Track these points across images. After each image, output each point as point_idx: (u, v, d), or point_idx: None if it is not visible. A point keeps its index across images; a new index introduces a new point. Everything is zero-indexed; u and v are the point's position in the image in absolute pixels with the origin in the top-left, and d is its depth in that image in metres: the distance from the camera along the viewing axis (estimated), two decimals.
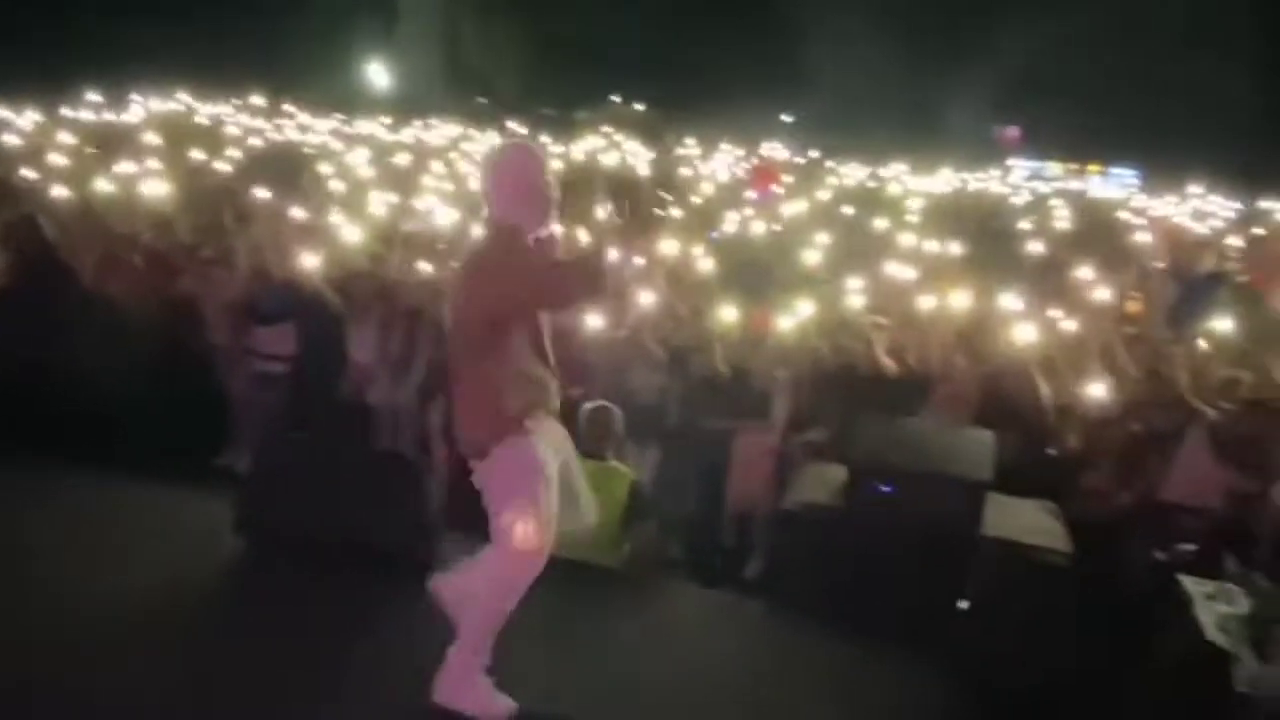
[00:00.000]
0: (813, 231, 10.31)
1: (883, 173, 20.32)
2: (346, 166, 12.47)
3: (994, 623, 3.67)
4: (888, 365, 5.85)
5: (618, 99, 31.08)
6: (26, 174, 8.91)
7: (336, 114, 20.71)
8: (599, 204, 10.48)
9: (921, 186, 18.30)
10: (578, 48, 30.69)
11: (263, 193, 8.79)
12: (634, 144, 21.78)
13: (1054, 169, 30.04)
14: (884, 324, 6.11)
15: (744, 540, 5.87)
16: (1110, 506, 5.06)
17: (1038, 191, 20.82)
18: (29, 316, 5.48)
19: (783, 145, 24.01)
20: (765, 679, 3.69)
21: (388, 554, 4.24)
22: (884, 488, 4.04)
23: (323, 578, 4.09)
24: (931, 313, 6.75)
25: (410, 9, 32.00)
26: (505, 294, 3.12)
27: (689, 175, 16.63)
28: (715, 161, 19.80)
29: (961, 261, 9.42)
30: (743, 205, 12.45)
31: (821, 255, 8.99)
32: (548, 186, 3.23)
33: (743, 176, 15.44)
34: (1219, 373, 5.79)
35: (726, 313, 6.14)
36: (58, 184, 8.23)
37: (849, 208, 13.22)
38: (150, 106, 17.97)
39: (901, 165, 20.85)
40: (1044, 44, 26.32)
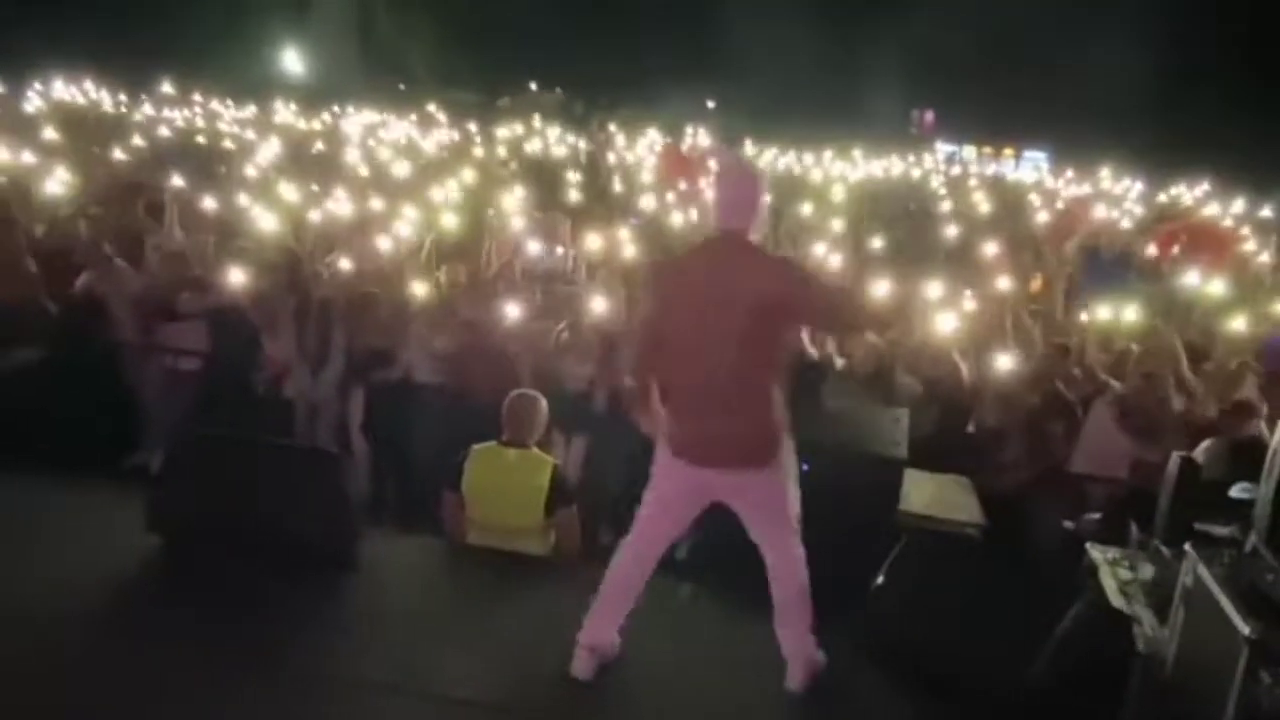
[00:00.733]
0: None
1: (806, 159, 20.57)
2: (259, 156, 12.14)
3: (908, 596, 3.76)
4: (809, 351, 5.94)
5: (534, 85, 30.82)
6: None
7: (248, 102, 20.13)
8: (522, 191, 10.44)
9: (843, 172, 18.58)
10: (494, 32, 30.33)
11: (176, 183, 8.51)
12: (557, 130, 21.68)
13: (970, 152, 30.87)
14: None
15: None
16: (1020, 479, 5.22)
17: (953, 175, 21.34)
18: None
19: (706, 131, 24.08)
20: (691, 659, 3.73)
21: (307, 549, 4.17)
22: (802, 465, 4.10)
23: (239, 575, 4.01)
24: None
25: None
26: (798, 306, 3.31)
27: (612, 161, 16.61)
28: (639, 148, 19.79)
29: (884, 245, 9.60)
30: (663, 191, 12.46)
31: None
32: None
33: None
34: (1117, 346, 6.03)
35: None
36: None
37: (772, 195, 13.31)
38: (51, 95, 17.22)
39: (826, 151, 21.13)
40: (957, 29, 26.92)
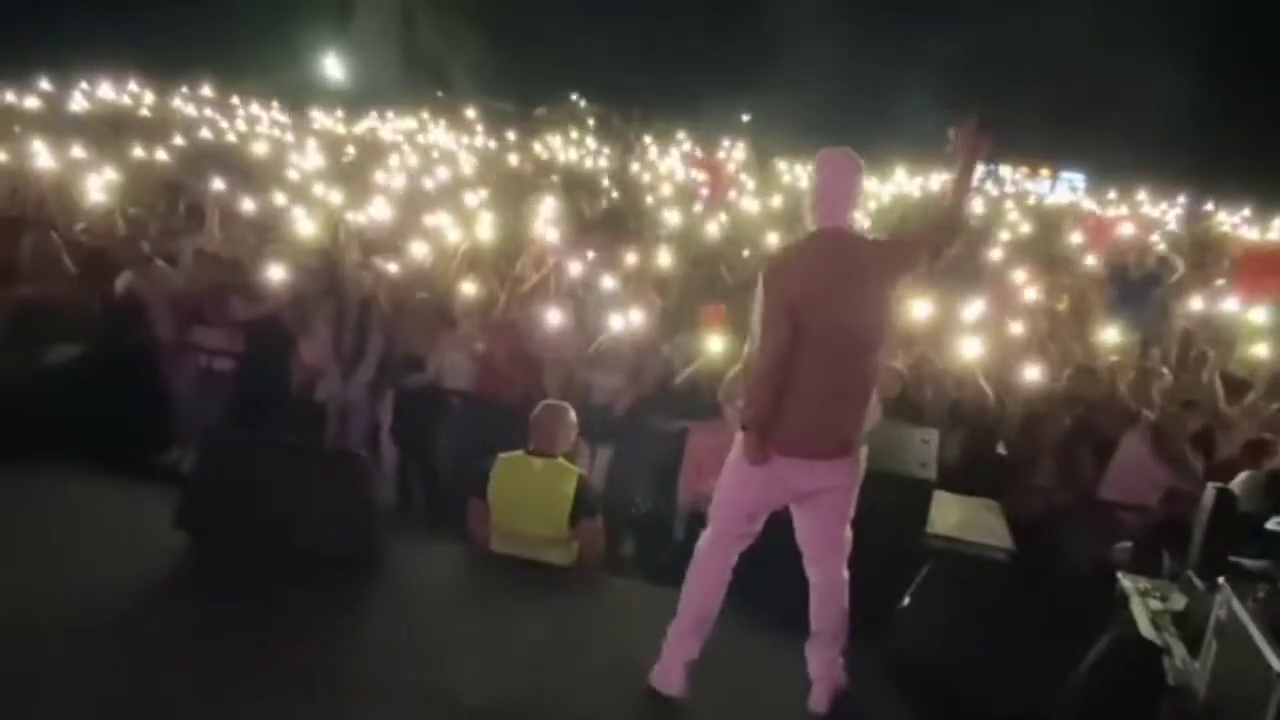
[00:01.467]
0: (769, 231, 10.37)
1: None
2: (299, 160, 12.30)
3: (934, 619, 3.72)
4: None
5: (575, 96, 30.96)
6: None
7: (289, 106, 20.39)
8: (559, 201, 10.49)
9: (877, 189, 18.50)
10: (536, 43, 30.54)
11: (216, 186, 8.64)
12: (593, 141, 21.78)
13: (1007, 171, 30.59)
14: None
15: (693, 537, 5.88)
16: (1050, 504, 5.16)
17: (990, 194, 21.20)
18: None
19: (744, 145, 24.08)
20: (712, 674, 3.71)
21: (332, 551, 4.21)
22: None
23: (264, 574, 4.05)
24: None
25: (367, 1, 31.65)
26: (914, 255, 3.36)
27: (647, 174, 16.65)
28: (673, 159, 19.84)
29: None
30: (695, 202, 12.48)
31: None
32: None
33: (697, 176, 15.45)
34: (1156, 373, 5.95)
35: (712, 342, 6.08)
36: None
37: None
38: (97, 96, 17.55)
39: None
40: (998, 47, 26.75)
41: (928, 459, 4.40)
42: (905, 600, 3.80)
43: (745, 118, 31.71)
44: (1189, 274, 9.82)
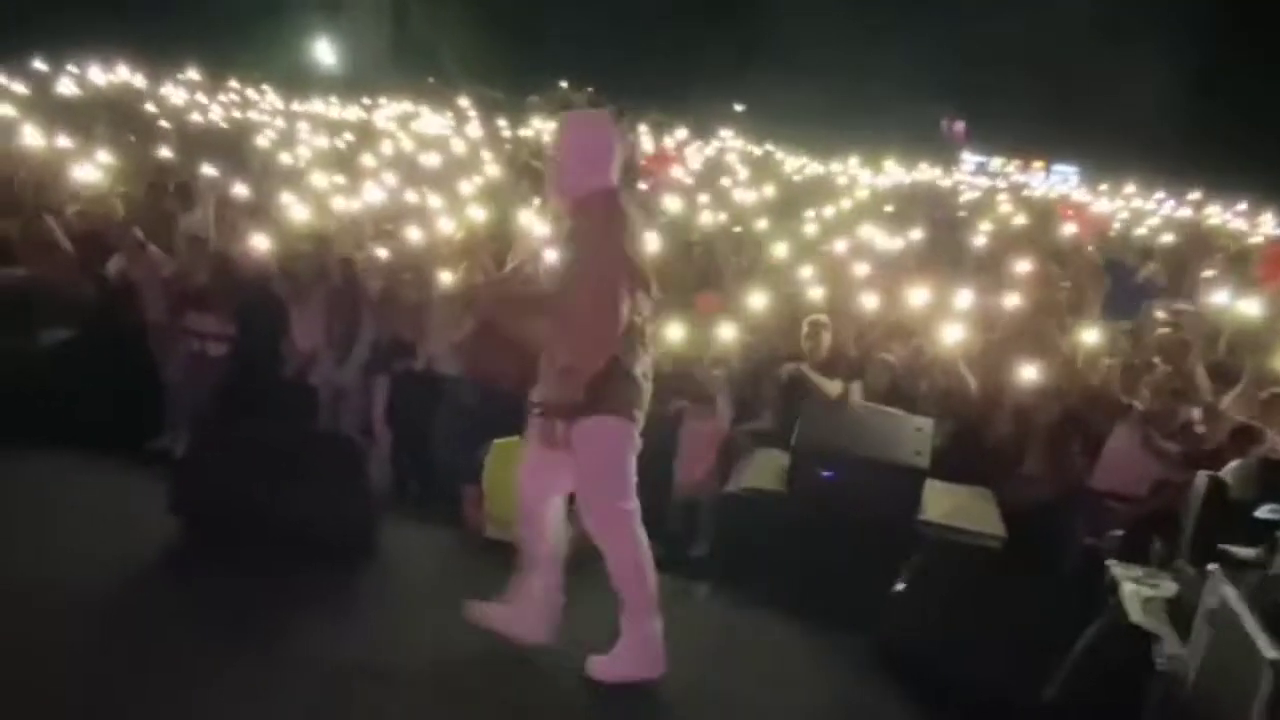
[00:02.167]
0: (763, 222, 10.38)
1: (833, 166, 20.50)
2: (291, 145, 12.23)
3: (926, 605, 3.75)
4: (826, 356, 5.97)
5: (566, 84, 30.84)
6: None
7: (281, 92, 20.26)
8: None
9: (871, 180, 18.52)
10: (526, 29, 30.37)
11: (207, 171, 8.60)
12: None
13: (999, 164, 30.65)
14: (823, 320, 6.18)
15: (689, 524, 5.91)
16: (1042, 493, 5.19)
17: (982, 186, 21.22)
18: None
19: (735, 134, 24.05)
20: (707, 660, 3.73)
21: (326, 535, 4.20)
22: (825, 473, 4.10)
23: (257, 559, 4.04)
24: (876, 305, 6.87)
25: None
26: None
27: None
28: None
29: (911, 253, 9.57)
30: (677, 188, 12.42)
31: (774, 246, 9.05)
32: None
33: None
34: (1146, 366, 5.98)
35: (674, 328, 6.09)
36: None
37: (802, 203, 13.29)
38: (88, 79, 17.41)
39: (852, 159, 21.07)
40: (991, 40, 26.76)
41: (922, 446, 4.43)
42: (898, 586, 3.82)
43: (739, 107, 31.67)
44: (1176, 266, 9.88)
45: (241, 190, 8.26)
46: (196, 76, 20.33)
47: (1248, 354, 6.40)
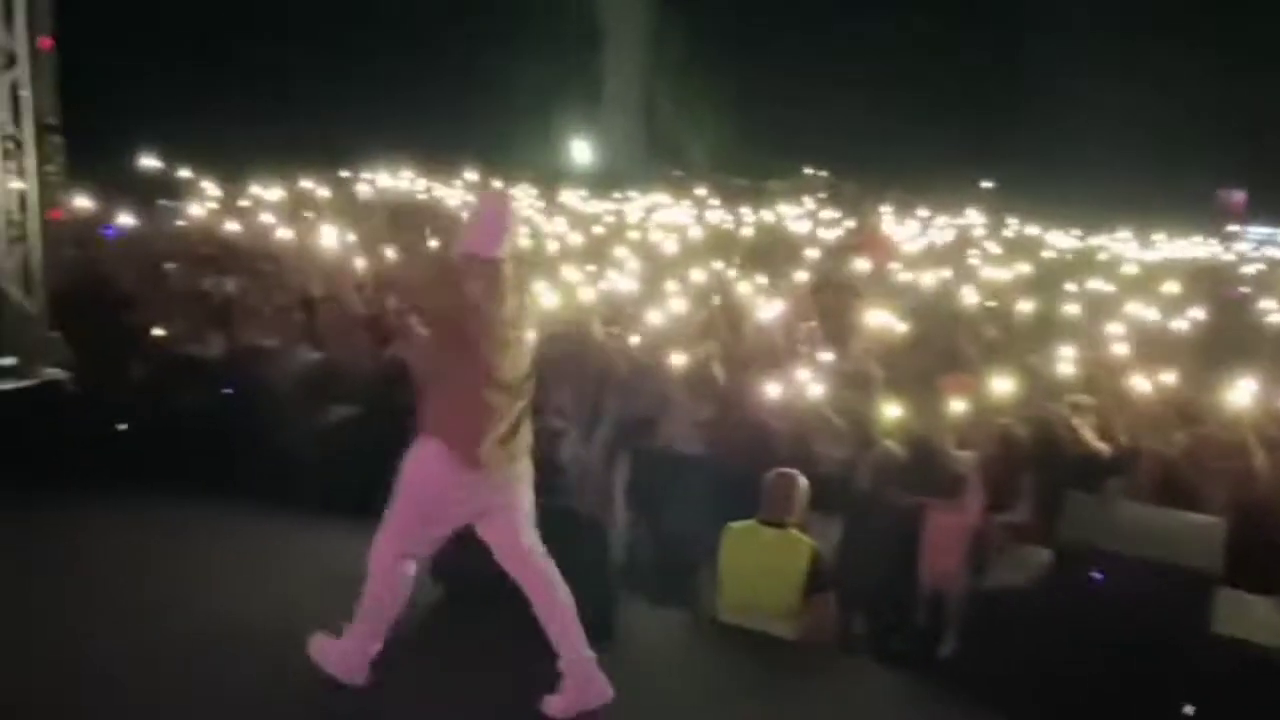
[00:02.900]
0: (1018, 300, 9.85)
1: (1093, 240, 19.24)
2: (547, 237, 13.09)
3: None
4: (1093, 444, 5.46)
5: (810, 170, 31.14)
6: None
7: (541, 188, 21.83)
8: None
9: (1139, 254, 17.20)
10: (780, 121, 30.98)
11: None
12: (828, 211, 21.77)
13: None
14: (1086, 402, 5.70)
15: (935, 620, 5.53)
16: None
17: (1270, 258, 19.10)
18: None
19: (978, 212, 23.15)
20: None
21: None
22: (1095, 574, 3.71)
23: (499, 631, 4.16)
24: (1146, 388, 6.27)
25: (613, 89, 33.59)
26: None
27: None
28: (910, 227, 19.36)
29: (1190, 333, 8.75)
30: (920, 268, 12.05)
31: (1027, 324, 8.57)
32: None
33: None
34: None
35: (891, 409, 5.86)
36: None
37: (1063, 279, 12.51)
38: (378, 183, 19.65)
39: (1123, 232, 19.74)
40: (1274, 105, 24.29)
41: (1213, 549, 3.90)
42: (1191, 707, 3.35)
43: (986, 184, 30.56)
44: None
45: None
46: (474, 177, 22.39)
47: None
